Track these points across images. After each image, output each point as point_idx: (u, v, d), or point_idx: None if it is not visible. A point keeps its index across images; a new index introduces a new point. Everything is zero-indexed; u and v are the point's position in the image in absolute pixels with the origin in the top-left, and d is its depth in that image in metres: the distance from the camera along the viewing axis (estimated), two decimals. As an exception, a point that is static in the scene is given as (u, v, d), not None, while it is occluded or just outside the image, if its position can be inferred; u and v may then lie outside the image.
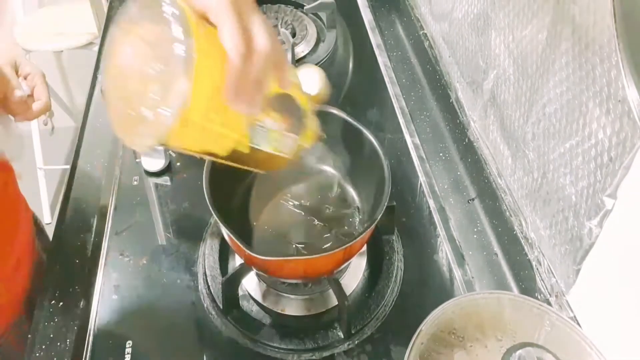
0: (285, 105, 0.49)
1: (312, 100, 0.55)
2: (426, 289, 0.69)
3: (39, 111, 0.64)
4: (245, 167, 0.50)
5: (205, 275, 0.68)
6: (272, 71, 0.43)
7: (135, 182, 0.80)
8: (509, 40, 0.67)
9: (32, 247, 0.76)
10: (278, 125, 0.49)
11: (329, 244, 0.66)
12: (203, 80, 0.38)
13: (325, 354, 0.62)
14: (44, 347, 0.62)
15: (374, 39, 1.06)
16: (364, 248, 0.71)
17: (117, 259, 0.71)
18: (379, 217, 0.58)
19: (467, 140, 0.82)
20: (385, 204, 0.59)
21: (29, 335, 0.64)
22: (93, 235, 0.73)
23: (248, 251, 0.55)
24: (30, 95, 0.64)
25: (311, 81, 0.50)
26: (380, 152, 0.63)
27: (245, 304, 0.67)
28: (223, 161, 0.47)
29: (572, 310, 0.59)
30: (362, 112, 0.92)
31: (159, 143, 0.39)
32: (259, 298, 0.67)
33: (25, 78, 0.65)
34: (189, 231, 0.74)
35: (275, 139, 0.49)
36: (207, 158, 0.46)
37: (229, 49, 0.39)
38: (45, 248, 0.81)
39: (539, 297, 0.64)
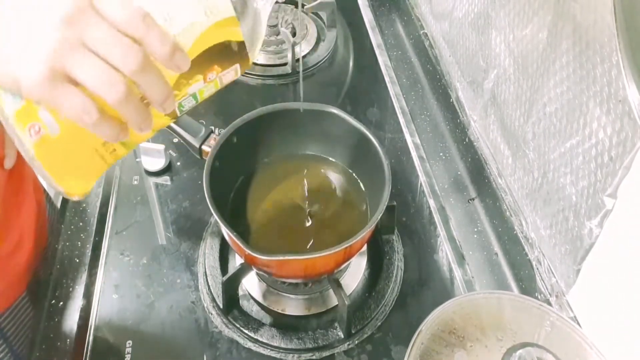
0: (214, 52, 0.42)
1: None
2: (426, 289, 0.69)
3: None
4: None
5: (206, 274, 0.68)
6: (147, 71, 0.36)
7: (135, 182, 0.80)
8: (510, 40, 0.67)
9: (37, 226, 0.76)
10: (208, 82, 0.43)
11: (329, 244, 0.66)
12: None
13: (325, 353, 0.62)
14: (44, 347, 0.62)
15: (374, 38, 1.06)
16: (364, 248, 0.71)
17: (117, 258, 0.71)
18: (379, 217, 0.58)
19: (467, 139, 0.82)
20: (386, 203, 0.59)
21: (30, 335, 0.64)
22: (93, 235, 0.73)
23: (248, 250, 0.55)
24: None
25: None
26: (381, 151, 0.63)
27: (245, 304, 0.67)
28: None
29: (572, 310, 0.59)
30: (362, 112, 0.92)
31: None
32: (259, 298, 0.67)
33: None
34: (189, 231, 0.74)
35: (209, 89, 0.44)
36: None
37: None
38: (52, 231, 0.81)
39: (539, 297, 0.64)
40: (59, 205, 0.82)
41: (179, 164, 0.82)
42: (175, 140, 0.82)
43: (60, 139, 0.38)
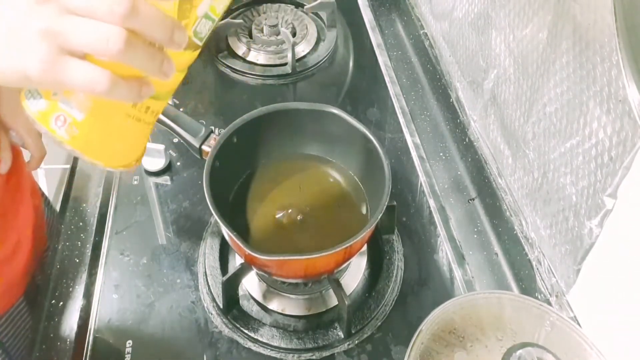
0: None
1: None
2: (426, 289, 0.69)
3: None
4: None
5: (206, 274, 0.68)
6: None
7: (135, 182, 0.80)
8: (510, 40, 0.67)
9: (35, 231, 0.75)
10: None
11: (329, 243, 0.66)
12: None
13: (325, 353, 0.62)
14: (44, 347, 0.62)
15: (375, 38, 1.06)
16: (364, 248, 0.71)
17: (118, 258, 0.71)
18: (379, 217, 0.58)
19: (467, 139, 0.82)
20: (386, 203, 0.59)
21: (29, 332, 0.64)
22: (93, 235, 0.73)
23: (248, 250, 0.55)
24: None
25: None
26: (381, 151, 0.63)
27: (245, 304, 0.67)
28: None
29: (572, 310, 0.59)
30: (363, 112, 0.92)
31: None
32: (259, 298, 0.67)
33: None
34: (189, 230, 0.74)
35: (220, 1, 0.39)
36: None
37: None
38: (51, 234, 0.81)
39: (539, 297, 0.64)
40: (58, 208, 0.82)
41: (179, 164, 0.82)
42: (175, 140, 0.82)
43: (88, 121, 0.37)
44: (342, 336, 0.63)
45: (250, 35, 1.04)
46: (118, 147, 0.41)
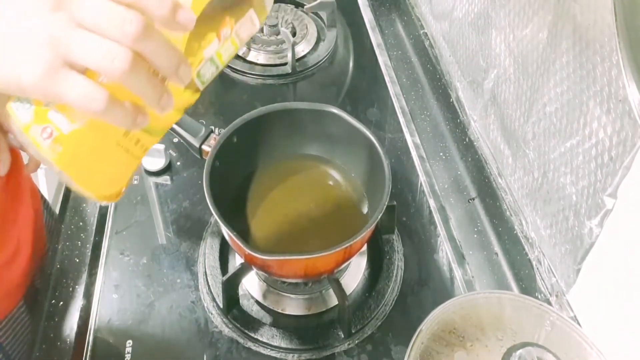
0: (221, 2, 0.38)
1: None
2: (426, 289, 0.69)
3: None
4: None
5: (206, 274, 0.68)
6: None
7: (135, 182, 0.80)
8: (510, 40, 0.67)
9: (34, 235, 0.75)
10: (224, 41, 0.38)
11: (329, 243, 0.66)
12: None
13: (325, 353, 0.62)
14: (44, 347, 0.62)
15: (375, 38, 1.06)
16: (364, 247, 0.71)
17: (118, 258, 0.71)
18: (379, 217, 0.58)
19: (467, 139, 0.82)
20: (386, 203, 0.59)
21: (29, 335, 0.64)
22: (93, 235, 0.73)
23: (248, 250, 0.55)
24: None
25: None
26: (381, 151, 0.63)
27: (245, 304, 0.67)
28: None
29: (572, 310, 0.59)
30: (363, 112, 0.92)
31: None
32: (259, 297, 0.67)
33: None
34: (189, 230, 0.74)
35: (227, 49, 0.39)
36: None
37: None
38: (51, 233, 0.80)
39: (539, 296, 0.64)
40: (57, 209, 0.82)
41: (179, 164, 0.82)
42: (175, 140, 0.82)
43: (76, 140, 0.36)
44: (342, 336, 0.63)
45: (250, 35, 1.04)
46: (102, 174, 0.39)
